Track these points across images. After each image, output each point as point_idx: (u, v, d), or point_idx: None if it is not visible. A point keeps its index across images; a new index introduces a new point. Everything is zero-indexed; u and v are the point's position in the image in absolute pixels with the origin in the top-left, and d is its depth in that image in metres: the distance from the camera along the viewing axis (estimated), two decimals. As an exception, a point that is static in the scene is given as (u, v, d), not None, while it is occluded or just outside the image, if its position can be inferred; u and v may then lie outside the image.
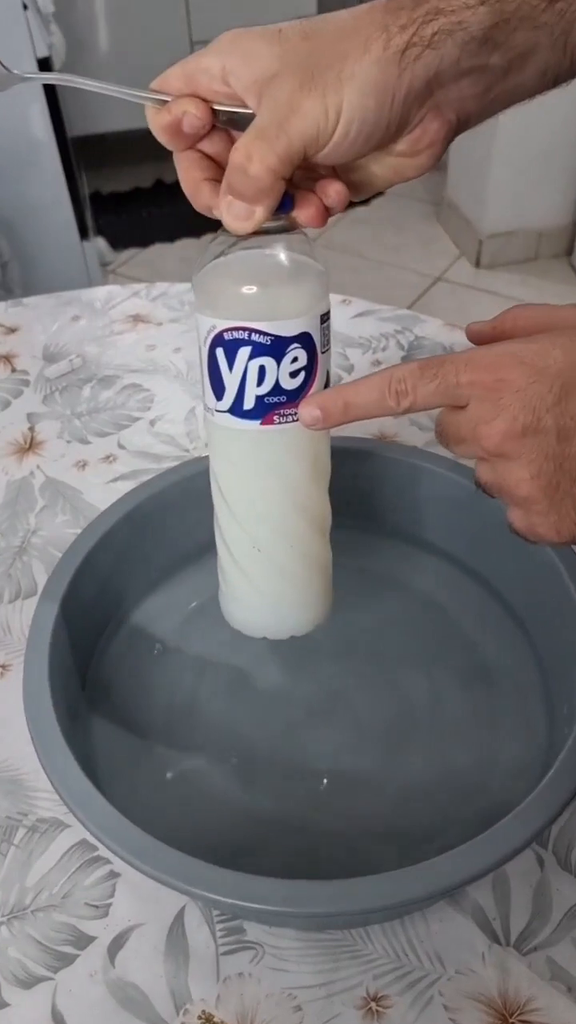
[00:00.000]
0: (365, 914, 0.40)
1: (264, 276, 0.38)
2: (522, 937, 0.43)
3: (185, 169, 0.40)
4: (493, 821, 0.38)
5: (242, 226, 0.37)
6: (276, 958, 0.43)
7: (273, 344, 0.37)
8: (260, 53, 0.35)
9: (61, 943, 0.44)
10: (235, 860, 0.38)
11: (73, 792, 0.40)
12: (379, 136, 0.36)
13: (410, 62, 0.34)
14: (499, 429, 0.34)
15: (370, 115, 0.35)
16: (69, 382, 0.76)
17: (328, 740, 0.49)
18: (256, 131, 0.35)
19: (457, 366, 0.35)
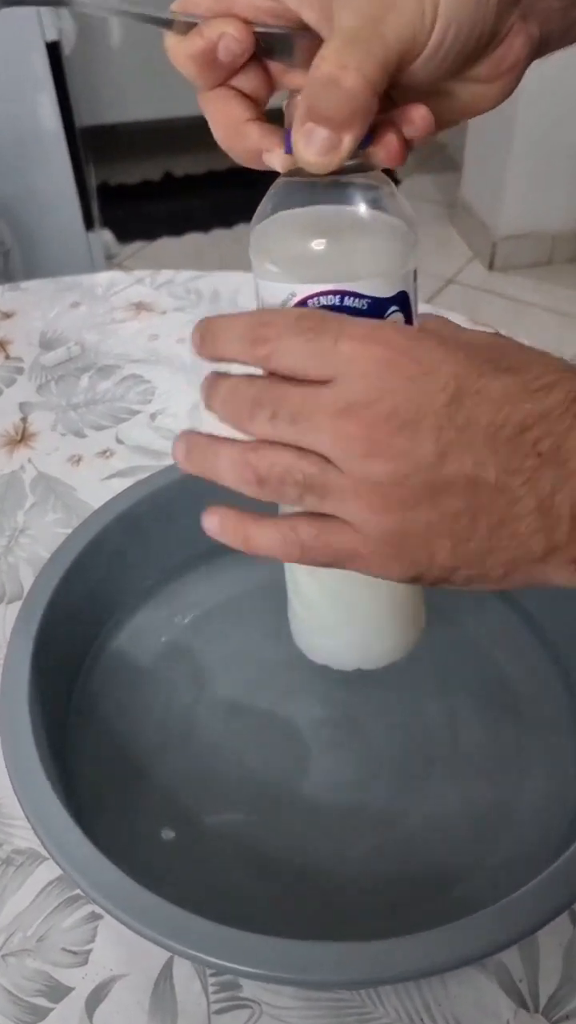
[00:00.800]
0: (376, 984, 0.35)
1: (350, 228, 0.31)
2: (552, 1002, 0.38)
3: (220, 110, 0.33)
4: (518, 866, 0.34)
5: (327, 160, 0.29)
6: (274, 1019, 0.38)
7: (370, 308, 0.31)
8: None
9: (33, 994, 0.39)
10: (232, 907, 0.33)
11: (46, 822, 0.36)
12: (472, 47, 0.30)
13: None
14: (374, 413, 0.27)
15: (467, 15, 0.29)
16: (66, 371, 0.72)
17: (336, 772, 0.45)
18: (345, 35, 0.28)
19: (344, 328, 0.28)
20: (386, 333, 0.28)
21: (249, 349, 0.30)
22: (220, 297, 0.79)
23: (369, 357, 0.28)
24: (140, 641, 0.50)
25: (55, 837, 0.35)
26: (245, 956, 0.32)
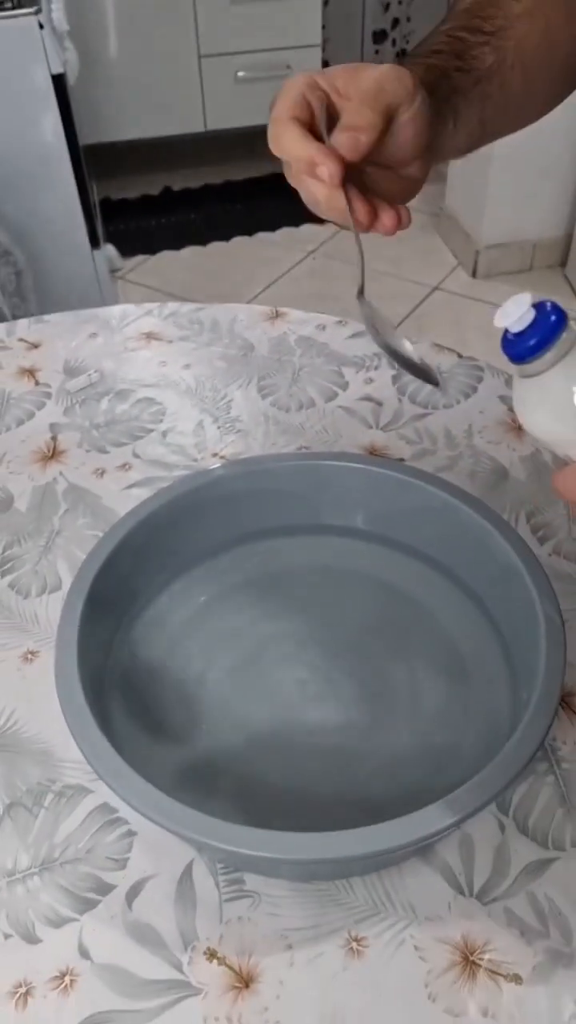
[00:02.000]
0: (346, 862, 0.46)
1: None
2: (483, 890, 0.50)
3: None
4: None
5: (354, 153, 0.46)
6: (271, 905, 0.49)
7: None
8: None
9: (85, 890, 0.50)
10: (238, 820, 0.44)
11: (100, 758, 0.47)
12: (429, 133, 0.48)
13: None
14: None
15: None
16: (88, 395, 0.83)
17: (320, 719, 0.56)
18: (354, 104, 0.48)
19: None
20: None
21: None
22: (219, 326, 0.91)
23: None
24: (160, 622, 0.61)
25: (108, 767, 0.47)
26: (251, 844, 0.43)
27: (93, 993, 0.46)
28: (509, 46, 0.53)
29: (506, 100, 0.54)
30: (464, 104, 0.52)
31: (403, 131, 0.48)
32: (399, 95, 0.46)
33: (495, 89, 0.53)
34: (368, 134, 0.46)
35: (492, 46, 0.52)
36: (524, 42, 0.53)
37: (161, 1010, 0.46)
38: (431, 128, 0.49)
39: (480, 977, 0.46)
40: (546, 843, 0.51)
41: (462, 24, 0.53)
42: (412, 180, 0.52)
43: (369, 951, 0.47)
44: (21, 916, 0.49)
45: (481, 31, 0.53)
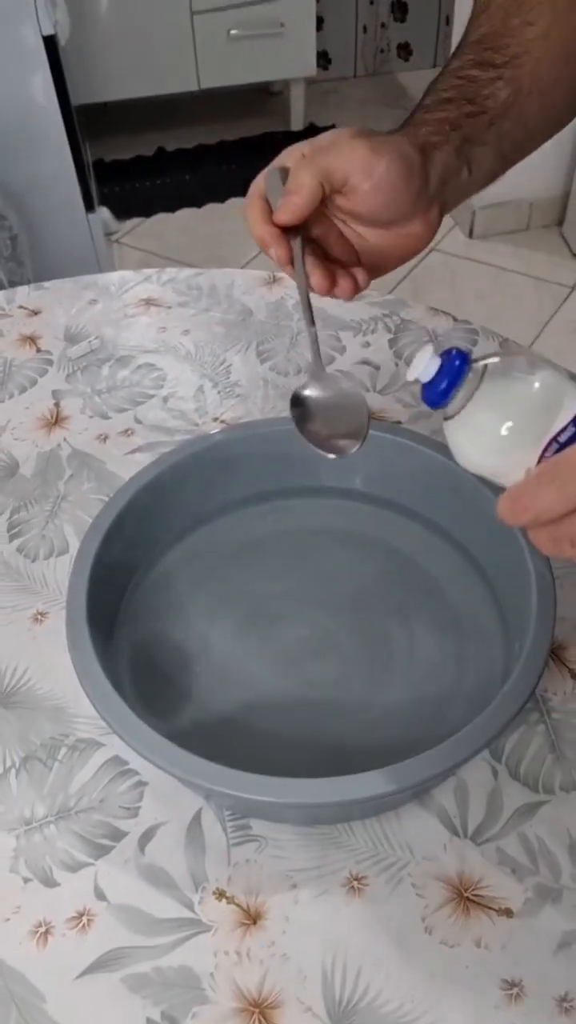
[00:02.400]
0: (348, 805, 0.49)
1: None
2: (477, 831, 0.52)
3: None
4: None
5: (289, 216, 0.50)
6: (276, 848, 0.52)
7: None
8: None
9: (100, 837, 0.53)
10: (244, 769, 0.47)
11: (115, 715, 0.49)
12: (388, 216, 0.51)
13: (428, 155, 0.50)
14: None
15: (390, 192, 0.50)
16: (89, 362, 0.84)
17: (321, 674, 0.59)
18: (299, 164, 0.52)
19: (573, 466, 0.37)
20: None
21: (513, 520, 0.39)
22: (217, 292, 0.92)
23: None
24: (166, 583, 0.63)
25: (121, 721, 0.49)
26: (257, 788, 0.46)
27: (109, 931, 0.49)
28: (524, 74, 0.52)
29: (525, 129, 0.54)
30: (479, 150, 0.52)
31: (370, 198, 0.50)
32: (342, 165, 0.48)
33: (511, 124, 0.53)
34: (301, 197, 0.48)
35: (505, 79, 0.52)
36: (540, 66, 0.52)
37: (174, 946, 0.48)
38: (419, 192, 0.50)
39: (473, 912, 0.49)
40: (536, 787, 0.54)
41: (472, 59, 0.52)
42: (414, 236, 0.53)
43: (369, 889, 0.50)
44: (39, 861, 0.52)
45: (492, 65, 0.52)
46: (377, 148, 0.49)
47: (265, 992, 0.47)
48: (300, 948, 0.48)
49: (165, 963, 0.48)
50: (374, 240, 0.53)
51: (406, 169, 0.49)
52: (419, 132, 0.51)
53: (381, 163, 0.49)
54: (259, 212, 0.51)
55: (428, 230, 0.53)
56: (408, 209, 0.51)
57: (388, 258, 0.54)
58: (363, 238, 0.53)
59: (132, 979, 0.47)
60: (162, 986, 0.47)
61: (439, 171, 0.51)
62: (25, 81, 1.76)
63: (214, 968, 0.48)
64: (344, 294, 0.53)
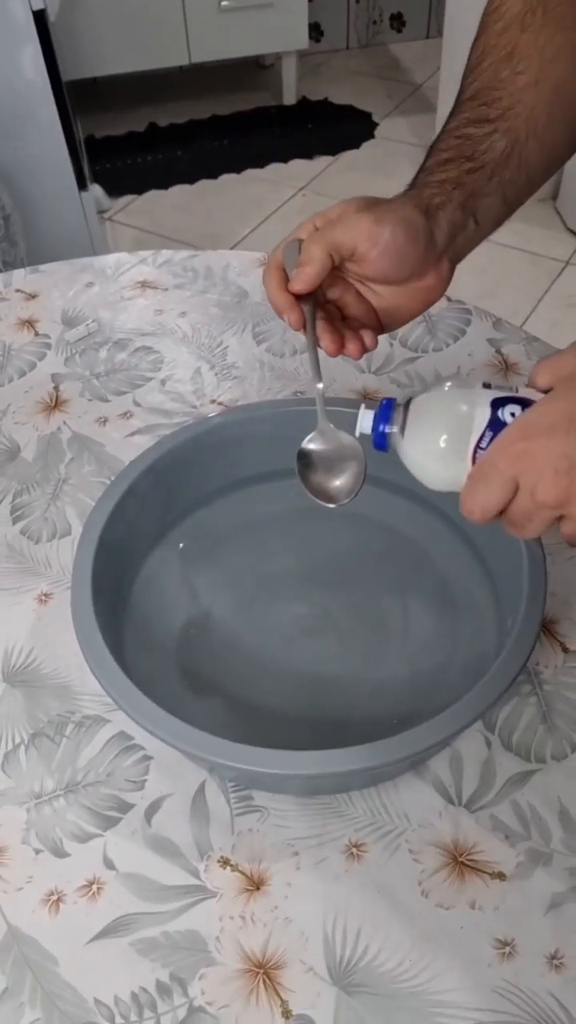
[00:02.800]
0: (348, 776, 0.51)
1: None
2: (471, 799, 0.54)
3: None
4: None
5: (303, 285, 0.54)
6: (278, 817, 0.54)
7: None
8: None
9: (107, 809, 0.55)
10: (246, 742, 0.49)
11: (122, 692, 0.51)
12: (398, 275, 0.54)
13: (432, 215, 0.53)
14: (550, 482, 0.42)
15: (396, 255, 0.53)
16: (87, 345, 0.85)
17: (316, 650, 0.60)
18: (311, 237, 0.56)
19: (491, 457, 0.44)
20: (511, 436, 0.44)
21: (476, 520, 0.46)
22: (213, 273, 0.92)
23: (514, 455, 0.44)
24: (168, 563, 0.65)
25: (126, 698, 0.51)
26: (260, 761, 0.48)
27: (119, 899, 0.51)
28: (520, 124, 0.54)
29: (527, 174, 0.56)
30: (483, 201, 0.55)
31: (378, 263, 0.53)
32: (349, 236, 0.52)
33: (512, 172, 0.55)
34: (312, 268, 0.53)
35: (501, 131, 0.54)
36: (535, 112, 0.55)
37: (181, 911, 0.51)
38: (426, 250, 0.53)
39: (468, 876, 0.51)
40: (529, 757, 0.56)
41: (468, 117, 0.55)
42: (427, 289, 0.56)
43: (368, 855, 0.52)
44: (49, 833, 0.54)
45: (487, 120, 0.54)
46: (380, 218, 0.52)
47: (269, 954, 0.49)
48: (302, 912, 0.50)
49: (172, 927, 0.50)
50: (390, 296, 0.56)
51: (411, 233, 0.53)
52: (423, 195, 0.54)
53: (385, 231, 0.52)
54: (277, 281, 0.55)
55: (440, 283, 0.56)
56: (417, 267, 0.54)
57: (404, 311, 0.57)
58: (380, 295, 0.56)
59: (141, 943, 0.49)
60: (170, 949, 0.49)
61: (445, 229, 0.54)
62: (15, 57, 1.74)
63: (220, 932, 0.50)
64: (353, 355, 0.56)
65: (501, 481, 0.43)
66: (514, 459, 0.43)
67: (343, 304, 0.57)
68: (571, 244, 2.15)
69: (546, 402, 0.44)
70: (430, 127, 2.41)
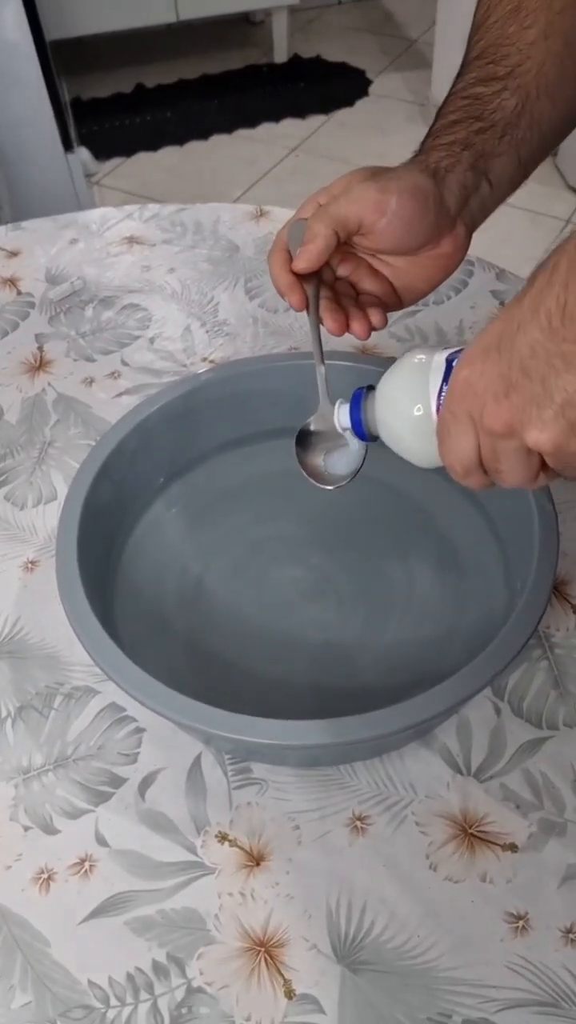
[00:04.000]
0: (352, 745, 0.48)
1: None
2: (480, 768, 0.52)
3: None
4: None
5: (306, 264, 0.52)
6: (278, 790, 0.52)
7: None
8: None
9: (99, 784, 0.52)
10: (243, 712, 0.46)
11: (108, 659, 0.48)
12: (410, 244, 0.51)
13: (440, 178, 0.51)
14: (492, 410, 0.38)
15: (407, 222, 0.50)
16: (72, 303, 0.82)
17: (316, 616, 0.58)
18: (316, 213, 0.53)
19: (445, 404, 0.41)
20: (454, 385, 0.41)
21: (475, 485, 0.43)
22: (203, 228, 0.89)
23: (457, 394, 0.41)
24: (158, 526, 0.62)
25: (116, 668, 0.48)
26: (259, 731, 0.45)
27: (112, 876, 0.49)
28: (529, 80, 0.52)
29: (540, 133, 0.53)
30: (496, 162, 0.52)
31: (388, 233, 0.51)
32: (354, 210, 0.50)
33: (524, 130, 0.52)
34: (316, 245, 0.51)
35: (510, 89, 0.52)
36: (545, 67, 0.52)
37: (178, 888, 0.48)
38: (438, 216, 0.51)
39: (478, 847, 0.49)
40: (540, 724, 0.53)
41: (475, 77, 0.53)
42: (445, 256, 0.53)
43: (373, 828, 0.50)
44: (39, 809, 0.52)
45: (495, 78, 0.52)
46: (385, 187, 0.50)
47: (271, 931, 0.47)
48: (304, 887, 0.48)
49: (169, 905, 0.48)
50: (405, 268, 0.54)
51: (419, 199, 0.50)
52: (430, 159, 0.51)
53: (391, 200, 0.50)
54: (281, 262, 0.53)
55: (458, 249, 0.53)
56: (429, 234, 0.52)
57: (422, 282, 0.55)
58: (394, 268, 0.54)
59: (136, 922, 0.47)
60: (167, 928, 0.47)
61: (455, 192, 0.51)
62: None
63: (219, 909, 0.47)
64: (359, 335, 0.54)
65: (459, 425, 0.40)
66: (460, 397, 0.40)
67: (356, 280, 0.54)
68: (572, 202, 2.10)
69: (484, 329, 0.40)
70: (426, 83, 2.35)
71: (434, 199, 0.50)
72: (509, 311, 0.38)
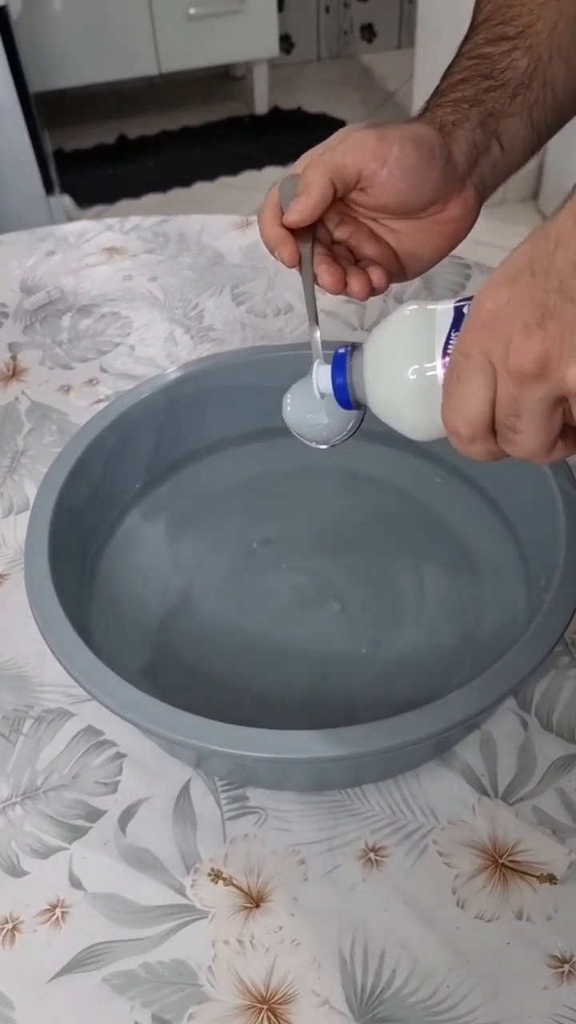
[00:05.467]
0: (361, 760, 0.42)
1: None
2: (509, 789, 0.46)
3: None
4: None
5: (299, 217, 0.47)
6: (279, 820, 0.45)
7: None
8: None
9: (73, 817, 0.46)
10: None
11: (89, 675, 0.42)
12: (414, 204, 0.47)
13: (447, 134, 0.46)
14: (521, 342, 0.31)
15: (409, 175, 0.45)
16: (48, 313, 0.77)
17: (318, 624, 0.52)
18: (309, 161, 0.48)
19: (457, 347, 0.34)
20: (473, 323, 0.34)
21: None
22: (186, 238, 0.85)
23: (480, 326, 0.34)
24: (141, 532, 0.56)
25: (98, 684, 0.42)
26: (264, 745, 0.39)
27: (89, 924, 0.42)
28: (541, 40, 0.48)
29: (553, 97, 0.50)
30: (507, 122, 0.48)
31: (390, 185, 0.46)
32: (352, 158, 0.45)
33: (537, 92, 0.49)
34: (309, 196, 0.46)
35: (522, 49, 0.48)
36: (557, 28, 0.48)
37: (165, 936, 0.41)
38: (445, 170, 0.46)
39: (511, 880, 0.42)
40: (573, 737, 0.47)
41: (484, 38, 0.49)
42: (453, 221, 0.48)
43: (389, 860, 0.43)
44: (3, 848, 0.45)
45: (506, 38, 0.48)
46: (386, 135, 0.45)
47: (274, 985, 0.40)
48: (312, 932, 0.41)
49: (155, 957, 0.41)
50: (409, 232, 0.49)
51: (423, 149, 0.45)
52: (435, 115, 0.47)
53: (393, 147, 0.45)
54: (270, 217, 0.48)
55: (468, 214, 0.48)
56: (437, 189, 0.47)
57: (428, 249, 0.49)
58: (397, 232, 0.49)
59: (117, 978, 0.40)
60: (152, 984, 0.40)
61: (464, 148, 0.47)
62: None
63: (212, 960, 0.41)
64: (357, 294, 0.48)
65: (474, 370, 0.33)
66: (479, 333, 0.32)
67: (355, 245, 0.49)
68: (554, 242, 2.11)
69: (507, 257, 0.33)
70: (406, 131, 2.37)
71: (441, 151, 0.46)
72: (542, 230, 0.32)
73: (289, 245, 0.47)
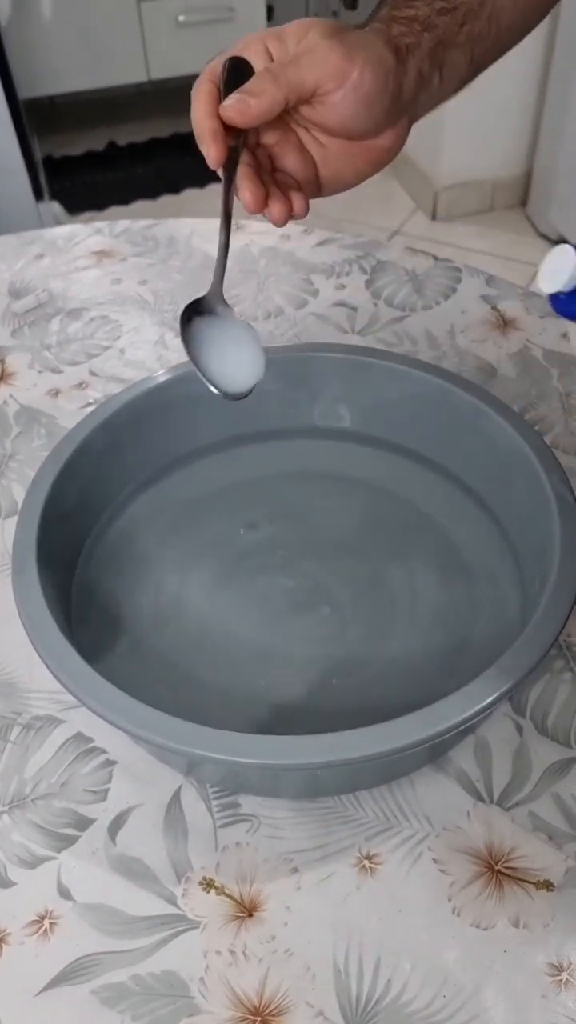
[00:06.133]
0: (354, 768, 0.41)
1: None
2: (504, 795, 0.45)
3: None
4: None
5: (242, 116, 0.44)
6: (271, 827, 0.44)
7: None
8: None
9: (62, 826, 0.45)
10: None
11: (79, 680, 0.41)
12: (358, 129, 0.45)
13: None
14: None
15: (362, 103, 0.44)
16: (37, 316, 0.77)
17: (310, 629, 0.51)
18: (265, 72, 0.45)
19: None
20: None
21: None
22: (176, 241, 0.84)
23: None
24: (131, 535, 0.56)
25: (88, 690, 0.41)
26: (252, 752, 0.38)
27: (78, 935, 0.41)
28: None
29: (497, 31, 0.49)
30: (452, 53, 0.47)
31: (341, 109, 0.44)
32: (313, 76, 0.43)
33: (484, 24, 0.48)
34: (260, 102, 0.43)
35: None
36: None
37: (156, 947, 0.40)
38: (393, 101, 0.45)
39: (508, 887, 0.42)
40: (568, 742, 0.47)
41: None
42: (382, 149, 0.47)
43: (384, 868, 0.43)
44: (-10, 859, 0.44)
45: None
46: (351, 54, 0.43)
47: (267, 996, 0.39)
48: (306, 942, 0.40)
49: (145, 969, 0.40)
50: (337, 152, 0.47)
51: (380, 77, 0.44)
52: (391, 31, 0.45)
53: (355, 70, 0.43)
54: (206, 98, 0.44)
55: (396, 143, 0.47)
56: (381, 120, 0.46)
57: (350, 172, 0.48)
58: (326, 149, 0.47)
59: (106, 991, 0.39)
60: (143, 997, 0.39)
61: (412, 78, 0.46)
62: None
63: (204, 971, 0.40)
64: (275, 219, 0.47)
65: None
66: None
67: (278, 155, 0.47)
68: (542, 248, 2.11)
69: None
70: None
71: (394, 81, 0.44)
72: None
73: (220, 143, 0.44)
